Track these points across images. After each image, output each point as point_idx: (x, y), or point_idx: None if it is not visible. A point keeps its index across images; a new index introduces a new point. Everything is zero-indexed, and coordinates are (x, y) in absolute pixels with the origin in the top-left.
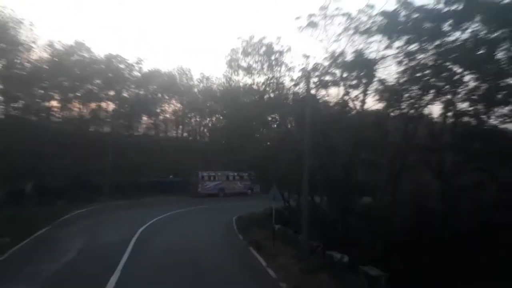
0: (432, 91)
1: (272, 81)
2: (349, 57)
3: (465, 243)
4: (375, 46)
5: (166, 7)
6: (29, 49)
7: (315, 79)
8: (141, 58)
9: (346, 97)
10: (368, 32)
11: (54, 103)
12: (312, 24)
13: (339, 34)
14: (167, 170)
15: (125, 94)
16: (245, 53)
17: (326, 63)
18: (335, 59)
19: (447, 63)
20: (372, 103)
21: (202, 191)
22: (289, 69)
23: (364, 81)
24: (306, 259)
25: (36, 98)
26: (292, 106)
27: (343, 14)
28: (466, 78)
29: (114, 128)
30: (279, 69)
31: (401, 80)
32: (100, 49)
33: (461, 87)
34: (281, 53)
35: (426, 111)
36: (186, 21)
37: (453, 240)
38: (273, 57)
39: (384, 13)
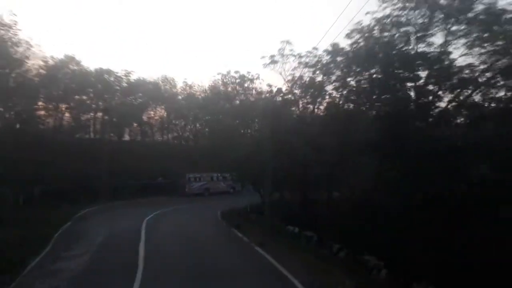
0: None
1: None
2: (304, 80)
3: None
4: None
5: (152, 19)
6: (22, 64)
7: (279, 98)
8: (129, 70)
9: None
10: (313, 67)
11: (45, 112)
12: (273, 62)
13: (294, 68)
14: (156, 173)
15: (113, 103)
16: (224, 84)
17: (286, 87)
18: (295, 82)
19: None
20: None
21: (189, 191)
22: (259, 93)
23: (317, 99)
24: (269, 231)
25: (31, 108)
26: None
27: (294, 55)
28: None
29: (104, 135)
30: (250, 92)
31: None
32: (88, 58)
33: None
34: (251, 80)
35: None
36: (170, 30)
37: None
38: (246, 85)
39: (326, 51)
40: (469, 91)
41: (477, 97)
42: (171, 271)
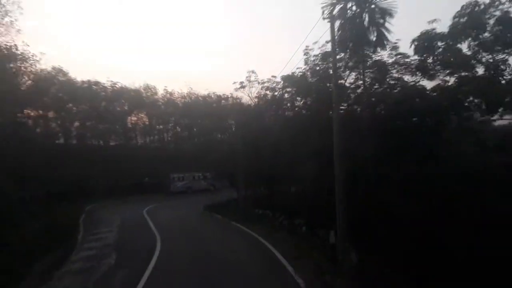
0: None
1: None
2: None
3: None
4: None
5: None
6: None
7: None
8: (114, 81)
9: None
10: (272, 90)
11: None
12: (242, 86)
13: (258, 92)
14: (142, 174)
15: (101, 110)
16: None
17: (253, 104)
18: (260, 99)
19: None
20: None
21: (173, 189)
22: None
23: (278, 112)
24: (242, 213)
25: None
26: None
27: (259, 82)
28: None
29: (93, 140)
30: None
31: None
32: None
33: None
34: (226, 99)
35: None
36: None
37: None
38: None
39: (283, 78)
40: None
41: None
42: (177, 235)
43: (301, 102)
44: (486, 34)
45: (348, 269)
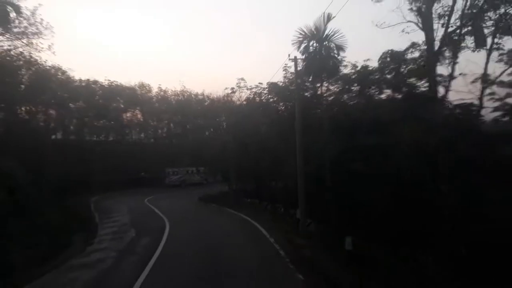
0: None
1: None
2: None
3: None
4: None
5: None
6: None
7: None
8: (111, 80)
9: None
10: (260, 95)
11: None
12: (233, 92)
13: (247, 96)
14: (138, 169)
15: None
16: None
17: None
18: (248, 102)
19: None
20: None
21: (168, 183)
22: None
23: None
24: (234, 202)
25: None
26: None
27: (247, 88)
28: None
29: (93, 136)
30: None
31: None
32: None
33: None
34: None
35: None
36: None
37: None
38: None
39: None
40: None
41: None
42: (180, 218)
43: (283, 107)
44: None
45: (304, 232)
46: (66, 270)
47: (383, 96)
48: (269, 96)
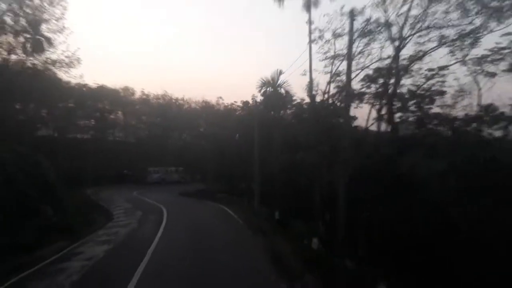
0: None
1: None
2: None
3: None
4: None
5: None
6: None
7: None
8: (100, 83)
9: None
10: (235, 111)
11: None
12: (212, 106)
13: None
14: (120, 166)
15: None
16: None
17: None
18: (225, 116)
19: None
20: None
21: (149, 180)
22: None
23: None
24: (210, 197)
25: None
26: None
27: (225, 105)
28: None
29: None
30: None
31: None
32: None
33: None
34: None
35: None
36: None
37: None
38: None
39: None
40: None
41: None
42: (171, 204)
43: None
44: None
45: (257, 213)
46: (109, 228)
47: None
48: (243, 112)
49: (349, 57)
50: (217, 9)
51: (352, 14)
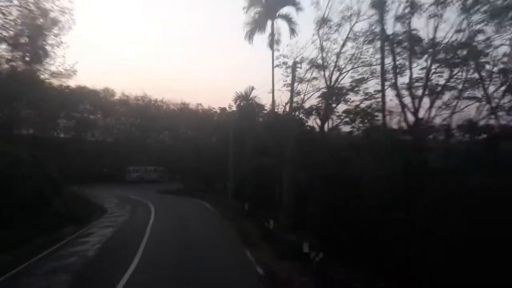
0: None
1: None
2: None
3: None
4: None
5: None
6: None
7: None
8: (82, 85)
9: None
10: (213, 116)
11: None
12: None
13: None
14: (100, 166)
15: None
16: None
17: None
18: (204, 120)
19: None
20: None
21: (128, 179)
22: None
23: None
24: (189, 194)
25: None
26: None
27: (203, 110)
28: None
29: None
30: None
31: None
32: None
33: None
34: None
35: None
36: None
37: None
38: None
39: (220, 109)
40: None
41: None
42: (155, 200)
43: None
44: None
45: (230, 207)
46: (107, 217)
47: None
48: (219, 119)
49: (292, 91)
50: (199, 18)
51: (295, 65)
